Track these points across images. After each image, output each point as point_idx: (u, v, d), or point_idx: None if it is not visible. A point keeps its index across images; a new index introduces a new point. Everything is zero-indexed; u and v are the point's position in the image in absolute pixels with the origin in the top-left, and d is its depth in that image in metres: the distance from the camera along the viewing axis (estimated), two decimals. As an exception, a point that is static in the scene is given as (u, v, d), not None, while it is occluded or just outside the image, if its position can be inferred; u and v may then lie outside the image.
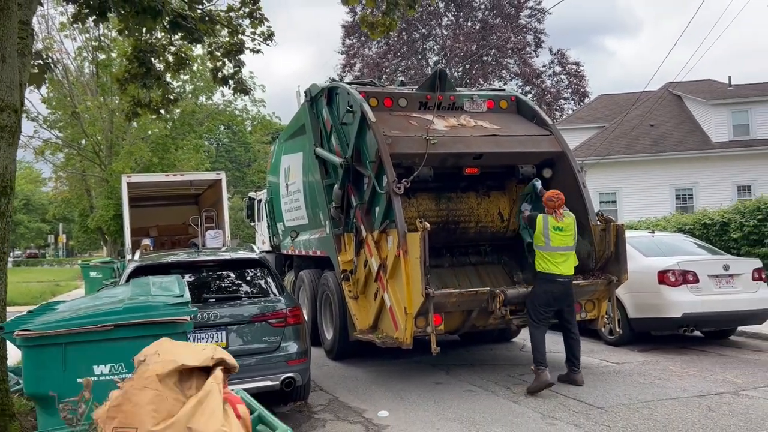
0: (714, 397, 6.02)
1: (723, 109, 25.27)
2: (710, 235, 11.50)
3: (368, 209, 7.64)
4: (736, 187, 24.40)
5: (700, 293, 8.13)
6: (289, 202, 11.06)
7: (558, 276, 6.60)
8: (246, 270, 6.24)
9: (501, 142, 7.76)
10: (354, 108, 7.77)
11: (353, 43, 38.11)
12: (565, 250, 6.68)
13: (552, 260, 6.62)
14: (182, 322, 3.79)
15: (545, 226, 6.68)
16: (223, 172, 17.79)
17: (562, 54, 37.17)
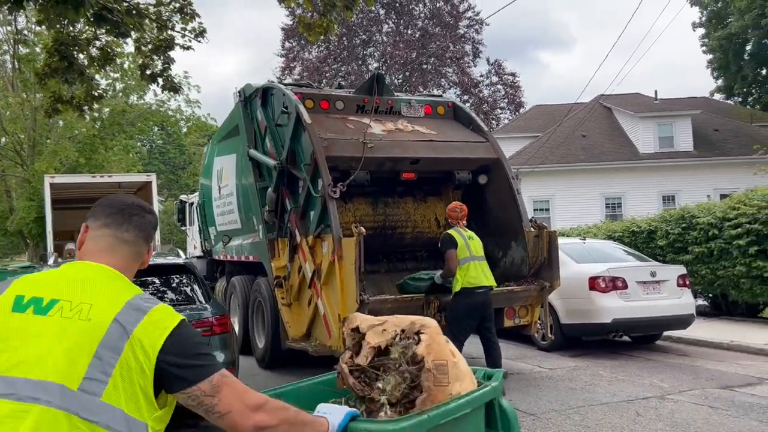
0: (642, 401, 6.12)
1: (649, 122, 26.33)
2: (638, 243, 11.86)
3: (303, 213, 7.45)
4: (661, 197, 25.43)
5: (629, 299, 8.32)
6: (221, 205, 10.71)
7: (480, 287, 6.42)
8: (170, 276, 5.93)
9: (438, 148, 7.74)
10: (289, 109, 7.57)
11: (293, 47, 37.73)
12: (482, 259, 6.63)
13: (474, 271, 6.43)
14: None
15: (463, 237, 6.53)
16: (154, 174, 17.22)
17: (499, 64, 37.93)
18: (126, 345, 1.51)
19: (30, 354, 1.48)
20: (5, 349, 1.49)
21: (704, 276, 10.60)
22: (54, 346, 1.48)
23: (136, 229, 1.77)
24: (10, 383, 1.44)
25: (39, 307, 1.55)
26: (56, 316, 1.53)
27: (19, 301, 1.57)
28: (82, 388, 1.45)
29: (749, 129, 27.34)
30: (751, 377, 7.04)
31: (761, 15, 29.62)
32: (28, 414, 1.40)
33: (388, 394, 2.27)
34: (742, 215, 9.95)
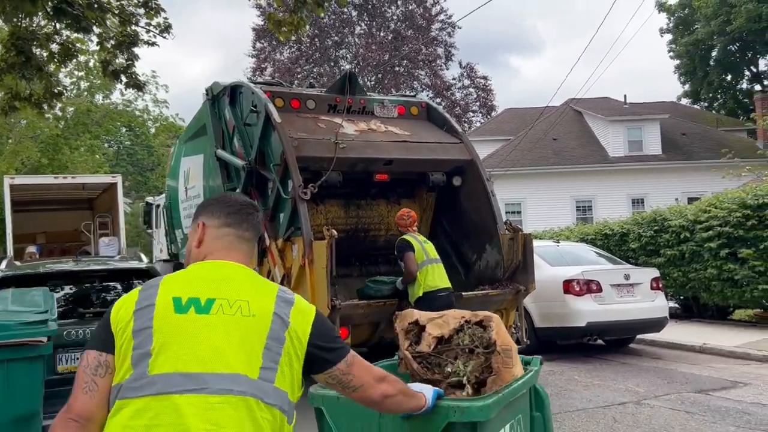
0: (618, 407, 6.03)
1: (619, 126, 26.62)
2: (610, 245, 11.87)
3: (272, 216, 7.21)
4: (631, 200, 25.72)
5: (603, 302, 8.27)
6: (188, 207, 10.40)
7: (441, 290, 6.26)
8: (133, 281, 5.65)
9: (411, 149, 7.57)
10: (258, 108, 7.33)
11: (264, 47, 37.36)
12: (438, 261, 6.48)
13: (433, 274, 6.27)
14: (36, 345, 3.23)
15: (418, 241, 6.39)
16: (119, 175, 16.65)
17: (471, 68, 38.07)
18: (286, 335, 1.68)
19: (205, 350, 1.58)
20: (179, 347, 1.59)
21: (676, 279, 10.63)
22: (226, 341, 1.61)
23: (253, 229, 1.91)
24: (200, 379, 1.55)
25: (199, 306, 1.65)
26: (219, 314, 1.64)
27: (177, 302, 1.65)
28: (261, 377, 1.61)
29: (715, 133, 27.86)
30: (724, 380, 7.01)
31: (726, 21, 30.25)
32: (227, 404, 1.55)
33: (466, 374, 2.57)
34: (713, 218, 10.00)
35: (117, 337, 1.64)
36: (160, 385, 1.55)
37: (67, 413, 1.60)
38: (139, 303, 1.68)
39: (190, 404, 1.53)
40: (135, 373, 1.58)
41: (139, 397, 1.55)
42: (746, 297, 9.66)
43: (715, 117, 31.85)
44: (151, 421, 1.52)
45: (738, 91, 36.13)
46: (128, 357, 1.60)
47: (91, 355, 1.65)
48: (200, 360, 1.58)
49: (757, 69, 34.68)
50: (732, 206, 9.78)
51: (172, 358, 1.58)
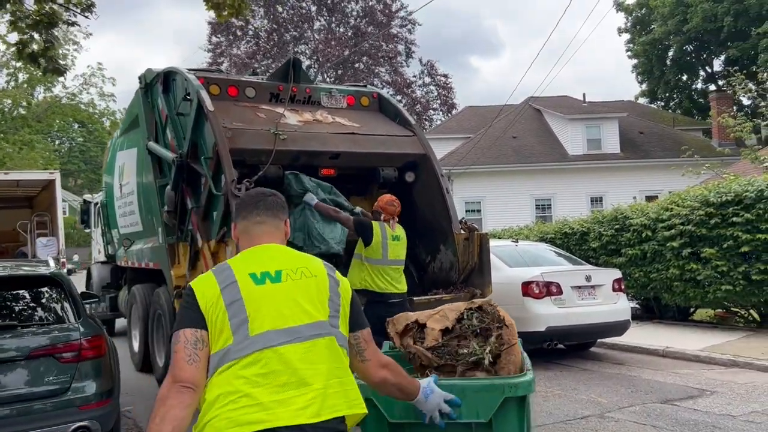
0: (580, 421, 5.56)
1: (578, 124, 26.53)
2: (570, 245, 11.50)
3: (206, 214, 6.53)
4: (590, 198, 25.66)
5: (564, 305, 7.83)
6: (123, 205, 9.61)
7: (395, 295, 5.72)
8: (33, 290, 4.92)
9: (360, 142, 6.97)
10: (191, 96, 6.64)
11: (220, 41, 36.35)
12: (400, 264, 5.95)
13: (387, 276, 5.72)
14: None
15: (384, 235, 5.81)
16: (58, 172, 15.66)
17: (432, 65, 37.76)
18: (339, 290, 2.13)
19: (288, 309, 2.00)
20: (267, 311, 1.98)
21: (637, 279, 10.31)
22: (301, 299, 2.03)
23: (265, 212, 2.25)
24: (292, 331, 1.97)
25: (272, 277, 2.04)
26: (288, 281, 2.05)
27: (254, 277, 2.03)
28: (330, 323, 2.05)
29: (672, 132, 28.05)
30: (690, 388, 6.63)
31: (683, 21, 30.51)
32: (317, 345, 1.99)
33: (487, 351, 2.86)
34: (675, 216, 9.68)
35: (208, 314, 1.96)
36: (262, 342, 1.93)
37: (178, 382, 1.88)
38: (221, 283, 2.02)
39: (291, 351, 1.94)
40: (237, 338, 1.93)
41: (248, 355, 1.91)
42: (709, 298, 9.37)
43: (671, 116, 32.16)
44: (262, 369, 1.90)
45: (693, 91, 36.62)
46: (226, 327, 1.94)
47: (188, 332, 1.95)
48: (287, 317, 1.99)
49: (712, 69, 35.21)
50: (694, 204, 9.48)
51: (265, 320, 1.96)
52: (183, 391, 1.87)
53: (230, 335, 1.93)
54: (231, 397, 1.87)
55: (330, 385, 1.97)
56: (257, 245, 2.18)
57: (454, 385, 2.61)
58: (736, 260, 9.02)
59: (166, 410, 1.83)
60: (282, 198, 2.37)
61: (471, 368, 2.87)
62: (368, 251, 5.80)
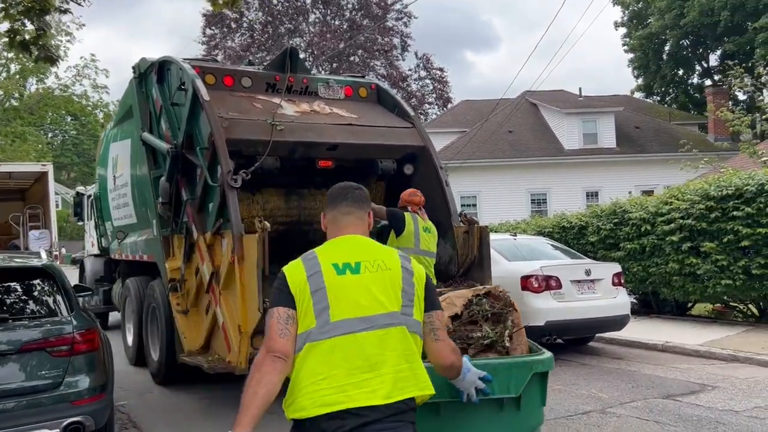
0: (582, 417, 5.49)
1: (574, 119, 26.46)
2: (568, 238, 11.43)
3: (201, 206, 6.41)
4: (585, 193, 25.61)
5: (563, 300, 7.76)
6: (116, 197, 9.47)
7: None
8: (24, 282, 4.78)
9: (359, 133, 6.86)
10: (186, 85, 6.51)
11: (215, 34, 36.08)
12: (432, 256, 5.93)
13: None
14: None
15: (416, 226, 5.81)
16: (50, 164, 15.48)
17: (428, 59, 37.57)
18: (413, 281, 2.32)
19: (365, 299, 2.21)
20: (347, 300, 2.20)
21: (636, 273, 10.24)
22: (376, 290, 2.24)
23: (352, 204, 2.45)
24: (368, 320, 2.19)
25: (351, 269, 2.26)
26: (366, 273, 2.26)
27: (336, 267, 2.25)
28: (403, 312, 2.25)
29: (668, 127, 28.02)
30: (692, 384, 6.57)
31: (680, 15, 30.44)
32: (390, 333, 2.20)
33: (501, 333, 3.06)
34: (674, 210, 9.61)
35: (297, 297, 2.20)
36: (343, 329, 2.15)
37: (271, 352, 2.14)
38: (308, 270, 2.24)
39: (366, 338, 2.15)
40: (319, 322, 2.16)
41: (328, 339, 2.14)
42: (708, 292, 9.31)
43: (667, 111, 32.14)
44: (340, 353, 2.13)
45: (689, 86, 36.60)
46: (310, 311, 2.17)
47: (281, 310, 2.20)
48: (364, 307, 2.19)
49: (708, 64, 35.18)
50: (694, 198, 9.41)
51: (344, 308, 2.18)
52: (276, 360, 2.15)
53: (313, 319, 2.18)
54: (313, 378, 2.13)
55: (400, 369, 2.19)
56: (343, 235, 2.40)
57: (487, 364, 2.85)
58: (736, 254, 8.96)
59: (261, 375, 2.13)
60: (366, 192, 2.57)
61: (483, 350, 3.05)
62: (400, 241, 5.79)
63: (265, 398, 2.10)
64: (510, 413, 2.95)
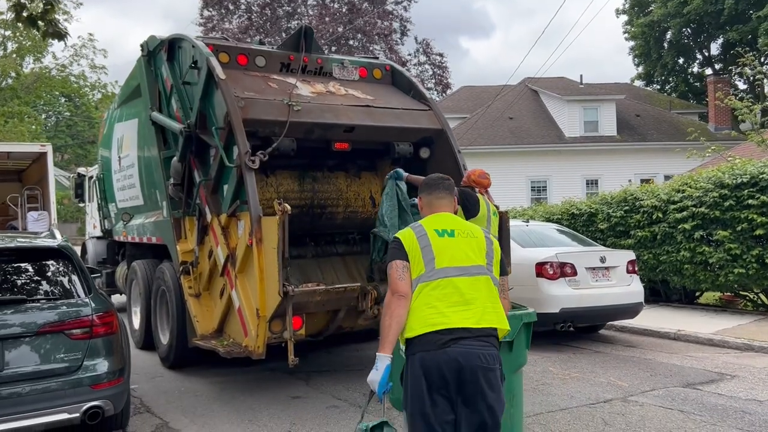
0: (604, 405, 5.42)
1: (575, 106, 26.30)
2: (577, 226, 11.34)
3: (215, 187, 6.27)
4: (585, 181, 25.53)
5: (578, 287, 7.67)
6: (121, 179, 9.30)
7: None
8: (40, 263, 4.65)
9: (376, 115, 6.71)
10: (199, 63, 6.34)
11: (212, 15, 35.59)
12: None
13: None
14: None
15: (488, 209, 5.62)
16: (49, 144, 15.22)
17: (427, 44, 37.21)
18: (493, 249, 3.11)
19: (459, 254, 2.98)
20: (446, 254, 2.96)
21: (646, 261, 10.17)
22: (468, 250, 3.01)
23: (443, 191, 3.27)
24: (462, 269, 2.95)
25: (449, 233, 3.03)
26: (459, 237, 3.04)
27: (437, 232, 3.02)
28: (487, 267, 3.02)
29: (669, 116, 27.93)
30: (710, 372, 6.51)
31: (683, 2, 30.23)
32: (479, 280, 2.96)
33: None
34: (687, 198, 9.53)
35: (409, 253, 2.98)
36: (443, 274, 2.93)
37: (395, 293, 2.92)
38: (416, 233, 3.02)
39: (461, 282, 2.92)
40: (427, 269, 2.94)
41: (433, 280, 2.91)
42: (720, 281, 9.26)
43: (668, 99, 32.02)
44: (443, 291, 2.90)
45: (689, 75, 36.48)
46: (420, 261, 2.95)
47: (399, 262, 2.98)
48: (459, 259, 2.97)
49: (709, 53, 35.02)
50: (708, 186, 9.32)
51: (445, 259, 2.95)
52: (400, 299, 2.91)
53: (423, 267, 2.95)
54: (424, 308, 2.89)
55: (486, 306, 2.93)
56: (437, 213, 3.20)
57: None
58: (749, 243, 8.90)
59: (392, 311, 2.90)
60: (452, 181, 3.36)
61: None
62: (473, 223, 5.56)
63: (398, 327, 2.89)
64: (504, 354, 3.45)
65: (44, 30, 7.04)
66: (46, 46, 22.44)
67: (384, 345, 2.83)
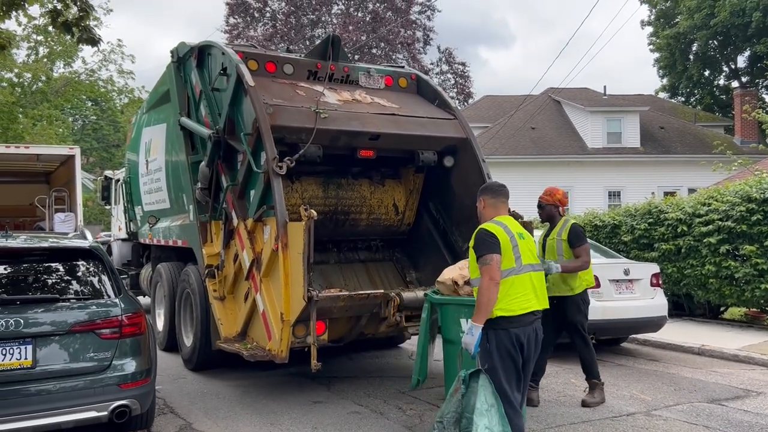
0: (627, 419, 5.37)
1: (598, 117, 26.14)
2: (600, 237, 11.27)
3: (242, 192, 6.36)
4: (607, 192, 25.32)
5: (602, 299, 7.61)
6: (148, 182, 9.45)
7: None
8: (72, 263, 4.75)
9: (401, 123, 6.77)
10: (229, 70, 6.45)
11: (237, 23, 36.05)
12: None
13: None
14: None
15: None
16: (78, 147, 15.50)
17: (450, 53, 37.29)
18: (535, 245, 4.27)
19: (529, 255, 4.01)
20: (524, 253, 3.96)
21: (670, 275, 10.05)
22: (532, 250, 4.07)
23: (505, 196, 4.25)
24: (533, 266, 3.99)
25: (521, 236, 4.00)
26: (526, 239, 4.05)
27: (515, 234, 3.95)
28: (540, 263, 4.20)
29: (693, 128, 27.62)
30: (735, 388, 6.42)
31: (710, 15, 29.94)
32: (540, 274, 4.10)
33: None
34: (713, 211, 9.42)
35: (503, 249, 3.84)
36: (526, 269, 3.92)
37: (493, 281, 3.77)
38: (507, 234, 3.91)
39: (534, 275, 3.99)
40: (516, 264, 3.87)
41: (522, 274, 3.90)
42: (746, 296, 9.12)
43: (692, 112, 31.68)
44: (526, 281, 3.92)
45: (715, 87, 36.05)
46: (511, 256, 3.86)
47: (498, 256, 3.82)
48: (530, 257, 4.00)
49: (736, 65, 34.60)
50: (735, 200, 9.20)
51: (525, 257, 3.94)
52: (497, 285, 3.78)
53: (513, 262, 3.89)
54: (517, 294, 3.87)
55: (542, 293, 4.07)
56: (503, 215, 4.13)
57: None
58: (777, 259, 8.77)
59: (491, 294, 3.77)
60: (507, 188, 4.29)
61: None
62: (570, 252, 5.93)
63: (492, 306, 3.79)
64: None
65: (79, 36, 7.22)
66: (76, 51, 22.90)
67: (479, 317, 3.77)
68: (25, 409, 3.97)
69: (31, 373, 4.06)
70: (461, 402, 3.85)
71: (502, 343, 3.78)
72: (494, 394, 3.75)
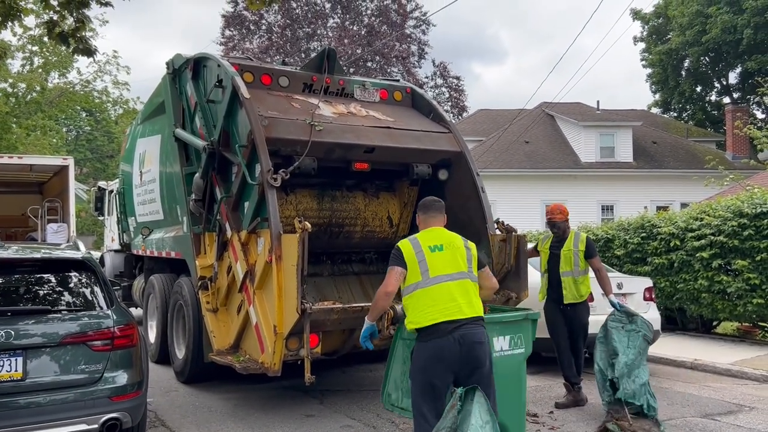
0: (621, 433, 5.36)
1: (592, 131, 26.31)
2: (593, 252, 11.27)
3: (236, 204, 6.36)
4: (600, 206, 25.42)
5: (595, 312, 7.58)
6: (142, 193, 9.43)
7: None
8: (64, 274, 4.72)
9: (396, 136, 6.79)
10: (224, 82, 6.47)
11: (233, 35, 36.16)
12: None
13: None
14: None
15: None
16: (71, 158, 15.47)
17: (444, 67, 37.50)
18: (471, 254, 4.10)
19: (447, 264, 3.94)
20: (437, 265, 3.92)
21: (663, 289, 10.08)
22: (453, 260, 3.97)
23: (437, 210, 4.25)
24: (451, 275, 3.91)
25: (438, 248, 3.98)
26: (447, 250, 3.99)
27: (428, 247, 3.97)
28: (468, 271, 4.01)
29: (686, 143, 27.84)
30: (727, 403, 6.43)
31: (702, 32, 30.28)
32: (465, 283, 3.94)
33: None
34: (705, 226, 9.47)
35: (408, 262, 3.92)
36: (436, 280, 3.88)
37: (383, 289, 4.00)
38: (414, 248, 3.96)
39: (453, 285, 3.90)
40: (423, 277, 3.89)
41: (430, 286, 3.88)
42: (738, 311, 9.15)
43: (684, 127, 31.94)
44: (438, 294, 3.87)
45: (707, 103, 36.38)
46: (417, 270, 3.90)
47: (399, 269, 3.94)
48: (446, 268, 3.93)
49: (727, 81, 34.95)
50: (727, 215, 9.26)
51: (437, 269, 3.91)
52: (386, 294, 3.99)
53: (419, 275, 3.92)
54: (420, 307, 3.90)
55: (469, 300, 3.94)
56: (431, 228, 4.16)
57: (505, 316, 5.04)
58: (769, 273, 8.81)
59: (378, 299, 4.08)
60: (443, 203, 4.32)
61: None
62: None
63: (378, 309, 4.17)
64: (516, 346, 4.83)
65: (74, 47, 7.23)
66: (71, 61, 22.93)
67: (369, 315, 4.22)
68: (15, 422, 3.93)
69: (21, 385, 4.02)
70: (457, 418, 3.87)
71: (419, 356, 3.89)
72: (489, 411, 3.79)
